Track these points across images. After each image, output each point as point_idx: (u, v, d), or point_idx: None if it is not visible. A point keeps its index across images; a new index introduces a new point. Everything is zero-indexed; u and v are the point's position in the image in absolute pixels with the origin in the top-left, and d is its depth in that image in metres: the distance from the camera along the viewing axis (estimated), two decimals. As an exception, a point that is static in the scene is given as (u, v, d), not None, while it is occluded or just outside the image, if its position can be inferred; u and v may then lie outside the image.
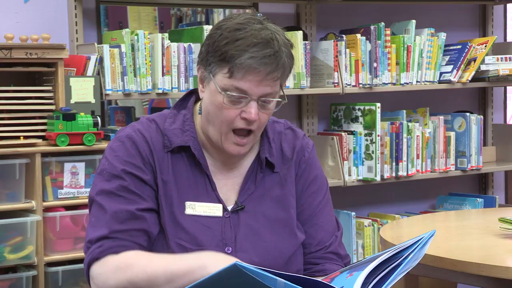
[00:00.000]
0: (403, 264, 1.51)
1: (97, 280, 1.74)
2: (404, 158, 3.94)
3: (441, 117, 4.13)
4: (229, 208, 1.83)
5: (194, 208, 1.80)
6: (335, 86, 3.75)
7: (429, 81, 4.04)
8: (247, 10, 3.98)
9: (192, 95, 1.91)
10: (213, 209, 1.81)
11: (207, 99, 1.79)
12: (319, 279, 1.54)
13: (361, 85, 3.83)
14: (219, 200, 1.83)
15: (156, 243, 1.80)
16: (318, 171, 1.96)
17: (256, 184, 1.86)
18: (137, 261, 1.70)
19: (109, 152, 1.83)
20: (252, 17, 1.77)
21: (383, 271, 1.53)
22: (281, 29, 1.80)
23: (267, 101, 1.76)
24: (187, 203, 1.80)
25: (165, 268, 1.65)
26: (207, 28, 3.43)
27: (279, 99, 1.78)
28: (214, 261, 1.59)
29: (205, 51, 1.78)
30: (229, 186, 1.86)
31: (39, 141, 3.06)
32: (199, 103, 1.87)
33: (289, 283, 1.41)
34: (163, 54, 3.35)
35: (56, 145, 3.03)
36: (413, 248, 1.55)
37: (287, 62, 1.76)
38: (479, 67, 4.13)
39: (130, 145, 1.81)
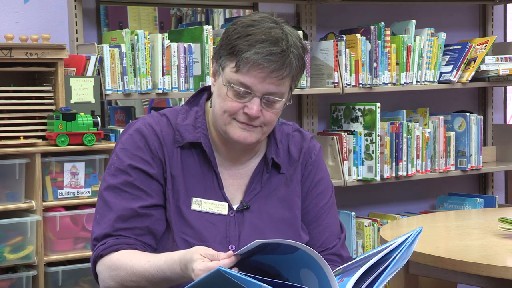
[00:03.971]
0: (391, 265, 1.51)
1: (100, 277, 1.79)
2: (404, 158, 3.94)
3: (441, 117, 4.13)
4: (235, 207, 1.85)
5: (200, 204, 1.82)
6: (335, 86, 3.75)
7: (429, 81, 4.04)
8: (246, 10, 3.98)
9: (204, 93, 1.92)
10: (219, 207, 1.83)
11: (216, 92, 1.81)
12: None
13: (361, 85, 3.83)
14: (225, 199, 1.84)
15: (162, 237, 1.81)
16: (325, 173, 1.98)
17: (262, 184, 1.88)
18: (124, 264, 1.74)
19: (118, 145, 1.85)
20: (267, 16, 1.79)
21: (372, 274, 1.52)
22: (297, 32, 1.81)
23: (271, 100, 1.77)
24: (194, 199, 1.81)
25: (149, 275, 1.71)
26: (207, 28, 3.43)
27: (283, 99, 1.79)
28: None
29: (219, 45, 1.80)
30: (235, 186, 1.88)
31: (39, 141, 3.06)
32: (210, 100, 1.89)
33: None
34: (163, 54, 3.35)
35: (56, 145, 3.03)
36: (401, 248, 1.55)
37: (295, 63, 1.77)
38: (479, 67, 4.13)
39: (139, 139, 1.82)
